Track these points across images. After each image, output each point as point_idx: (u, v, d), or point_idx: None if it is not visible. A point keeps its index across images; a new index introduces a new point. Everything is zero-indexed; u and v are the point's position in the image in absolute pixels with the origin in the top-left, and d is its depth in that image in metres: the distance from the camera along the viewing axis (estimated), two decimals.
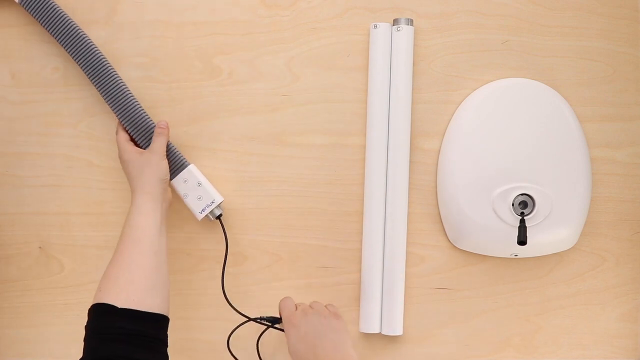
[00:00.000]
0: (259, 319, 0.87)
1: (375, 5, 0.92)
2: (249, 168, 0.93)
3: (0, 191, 0.93)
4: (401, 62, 0.91)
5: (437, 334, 0.94)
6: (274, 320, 0.87)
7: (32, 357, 0.94)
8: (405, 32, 0.90)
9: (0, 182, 0.93)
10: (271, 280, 0.92)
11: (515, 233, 0.86)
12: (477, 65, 0.93)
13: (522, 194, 0.88)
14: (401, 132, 0.91)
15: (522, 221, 0.86)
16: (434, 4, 0.92)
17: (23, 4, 0.89)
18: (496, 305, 0.94)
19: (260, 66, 0.93)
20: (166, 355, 0.76)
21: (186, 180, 0.89)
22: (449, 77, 0.93)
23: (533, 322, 0.94)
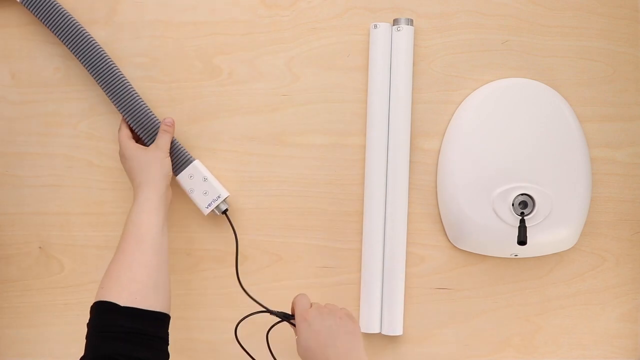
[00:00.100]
0: (272, 312, 0.84)
1: (375, 5, 0.92)
2: (249, 168, 0.93)
3: (0, 191, 0.93)
4: (401, 62, 0.91)
5: (437, 334, 0.94)
6: (286, 316, 0.84)
7: (32, 357, 0.94)
8: (405, 32, 0.90)
9: (0, 182, 0.93)
10: (271, 280, 0.92)
11: (515, 233, 0.86)
12: (477, 65, 0.92)
13: (522, 194, 0.88)
14: (401, 132, 0.91)
15: (522, 221, 0.86)
16: (434, 4, 0.92)
17: (25, 3, 0.88)
18: (496, 305, 0.94)
19: (260, 66, 0.93)
20: (167, 354, 0.76)
21: (192, 176, 0.89)
22: (449, 77, 0.93)
23: (533, 322, 0.94)
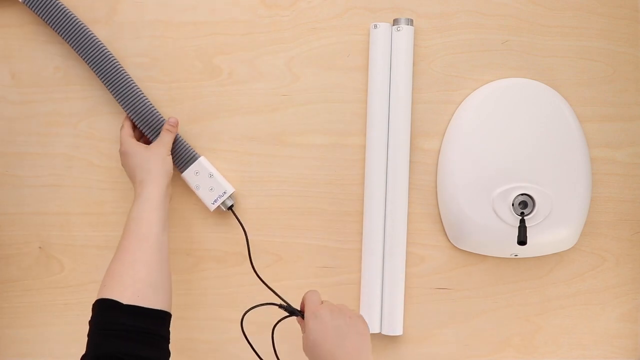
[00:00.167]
0: (282, 305, 0.82)
1: (375, 5, 0.92)
2: (249, 168, 0.93)
3: (0, 191, 0.93)
4: (401, 62, 0.91)
5: (437, 334, 0.94)
6: (295, 311, 0.81)
7: (32, 357, 0.94)
8: (405, 32, 0.90)
9: (0, 182, 0.93)
10: (271, 280, 0.92)
11: (515, 233, 0.86)
12: (477, 65, 0.92)
13: (522, 194, 0.88)
14: (401, 132, 0.91)
15: (522, 221, 0.86)
16: (434, 4, 0.92)
17: (27, 3, 0.88)
18: (496, 305, 0.94)
19: (260, 66, 0.93)
20: (168, 352, 0.76)
21: (197, 172, 0.89)
22: (449, 77, 0.93)
23: (533, 322, 0.94)
